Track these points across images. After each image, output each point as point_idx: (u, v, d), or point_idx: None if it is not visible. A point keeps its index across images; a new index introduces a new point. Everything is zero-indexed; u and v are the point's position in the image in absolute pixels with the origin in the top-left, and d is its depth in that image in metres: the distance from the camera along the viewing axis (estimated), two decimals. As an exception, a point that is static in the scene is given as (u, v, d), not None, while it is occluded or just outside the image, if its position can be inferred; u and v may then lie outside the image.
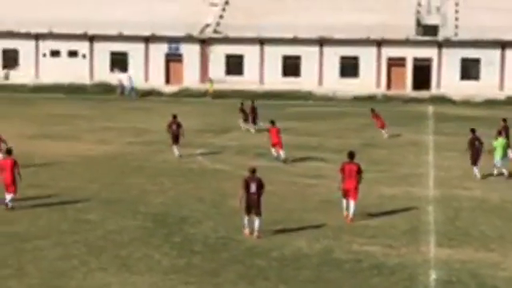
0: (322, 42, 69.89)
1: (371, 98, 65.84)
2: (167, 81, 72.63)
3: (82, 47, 73.31)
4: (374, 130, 42.48)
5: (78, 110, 54.30)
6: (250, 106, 44.60)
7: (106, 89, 68.08)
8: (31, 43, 73.81)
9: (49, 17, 72.56)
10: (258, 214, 20.84)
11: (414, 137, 42.49)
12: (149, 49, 72.66)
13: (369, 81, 69.11)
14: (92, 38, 72.89)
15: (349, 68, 69.67)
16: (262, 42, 70.77)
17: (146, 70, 72.73)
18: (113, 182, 28.04)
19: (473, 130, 30.86)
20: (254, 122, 43.76)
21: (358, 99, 65.56)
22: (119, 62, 72.91)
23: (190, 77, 71.58)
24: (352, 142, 40.27)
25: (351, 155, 23.08)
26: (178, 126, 34.51)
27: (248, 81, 70.11)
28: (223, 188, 27.07)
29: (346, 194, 22.83)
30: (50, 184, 27.33)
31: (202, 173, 30.57)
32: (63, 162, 32.16)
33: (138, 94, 66.73)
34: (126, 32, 71.85)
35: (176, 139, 34.27)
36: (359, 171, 22.81)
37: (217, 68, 71.33)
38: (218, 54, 71.52)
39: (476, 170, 30.01)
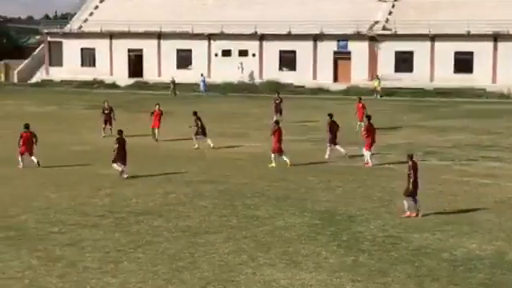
0: (496, 37, 67.50)
1: (548, 95, 63.12)
2: (335, 79, 72.64)
3: (252, 47, 74.73)
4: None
5: (248, 108, 55.35)
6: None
7: (275, 87, 69.06)
8: (204, 43, 76.09)
9: (220, 18, 74.56)
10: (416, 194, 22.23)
11: None
12: (317, 47, 72.95)
13: (546, 77, 66.09)
14: (262, 38, 74.14)
15: (525, 64, 66.89)
16: (432, 38, 69.29)
17: (314, 68, 73.08)
18: (280, 179, 28.30)
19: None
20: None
21: (534, 96, 63.04)
22: (288, 60, 73.74)
23: (358, 74, 71.25)
24: (528, 141, 38.74)
25: None
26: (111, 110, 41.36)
27: (418, 78, 68.93)
28: (392, 187, 26.66)
29: None
30: (221, 180, 27.96)
31: (371, 171, 30.26)
32: (232, 159, 32.83)
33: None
34: (295, 31, 72.52)
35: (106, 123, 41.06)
36: None
37: (386, 65, 70.57)
38: (387, 51, 70.74)
39: None
